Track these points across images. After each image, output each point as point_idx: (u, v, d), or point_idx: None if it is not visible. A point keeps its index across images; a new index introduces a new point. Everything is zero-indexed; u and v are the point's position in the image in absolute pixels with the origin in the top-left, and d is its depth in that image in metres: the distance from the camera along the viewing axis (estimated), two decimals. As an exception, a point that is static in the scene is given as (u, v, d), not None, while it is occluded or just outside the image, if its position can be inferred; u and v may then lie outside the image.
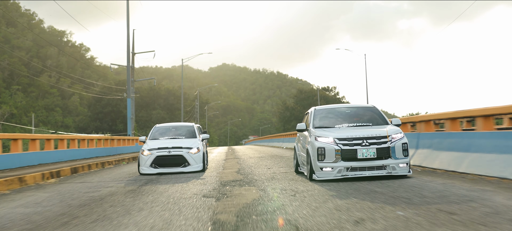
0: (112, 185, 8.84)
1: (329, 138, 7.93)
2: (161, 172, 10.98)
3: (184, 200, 6.32)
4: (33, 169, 12.11)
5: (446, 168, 8.69)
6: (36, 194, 7.88)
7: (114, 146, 23.79)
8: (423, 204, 5.01)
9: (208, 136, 12.83)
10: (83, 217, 5.27)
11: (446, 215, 4.36)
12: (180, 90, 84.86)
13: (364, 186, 6.86)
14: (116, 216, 5.17)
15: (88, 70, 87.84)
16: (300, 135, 9.73)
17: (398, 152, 7.77)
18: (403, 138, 7.94)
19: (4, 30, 77.48)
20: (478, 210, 4.56)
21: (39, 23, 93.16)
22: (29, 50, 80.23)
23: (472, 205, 4.89)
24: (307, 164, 8.52)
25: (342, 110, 9.21)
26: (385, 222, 4.14)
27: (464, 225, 3.89)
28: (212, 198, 6.38)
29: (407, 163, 7.86)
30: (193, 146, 11.33)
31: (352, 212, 4.73)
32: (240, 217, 4.79)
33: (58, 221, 5.07)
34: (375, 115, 8.96)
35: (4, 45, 76.50)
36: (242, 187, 7.53)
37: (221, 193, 6.84)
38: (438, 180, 7.27)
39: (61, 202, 6.65)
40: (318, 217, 4.57)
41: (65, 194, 7.66)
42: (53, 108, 79.24)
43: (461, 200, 5.22)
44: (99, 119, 71.68)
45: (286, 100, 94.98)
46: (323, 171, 7.85)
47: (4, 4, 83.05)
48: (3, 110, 67.43)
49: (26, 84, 79.12)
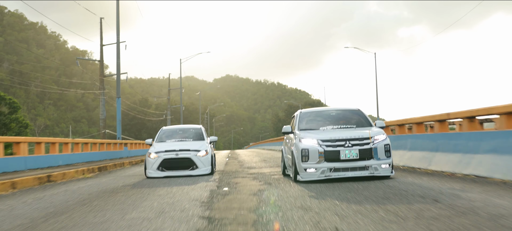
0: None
1: (313, 139, 7.06)
2: (169, 175, 9.60)
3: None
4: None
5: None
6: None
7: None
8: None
9: (216, 138, 11.33)
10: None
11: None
12: (192, 106, 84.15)
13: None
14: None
15: (108, 85, 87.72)
16: (287, 137, 8.81)
17: (381, 153, 6.90)
18: (385, 140, 7.06)
19: (35, 52, 77.58)
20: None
21: (64, 44, 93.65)
22: (57, 69, 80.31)
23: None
24: (292, 165, 7.63)
25: (328, 113, 8.30)
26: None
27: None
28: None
29: (389, 164, 6.97)
30: (201, 148, 9.88)
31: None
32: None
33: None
34: (360, 118, 8.08)
35: (37, 65, 76.60)
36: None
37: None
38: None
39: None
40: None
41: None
42: (80, 120, 79.25)
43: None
44: (127, 130, 72.81)
45: (278, 113, 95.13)
46: (307, 172, 6.96)
47: (33, 28, 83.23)
48: (39, 122, 68.30)
49: (56, 99, 79.28)
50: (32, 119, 69.28)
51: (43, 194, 7.01)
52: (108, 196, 6.34)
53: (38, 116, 71.25)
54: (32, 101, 75.47)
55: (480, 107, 7.37)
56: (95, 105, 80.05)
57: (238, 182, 7.78)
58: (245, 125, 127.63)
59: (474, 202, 4.28)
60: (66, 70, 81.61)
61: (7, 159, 11.78)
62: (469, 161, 7.02)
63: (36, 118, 70.11)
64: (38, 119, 69.34)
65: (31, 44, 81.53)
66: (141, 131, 73.13)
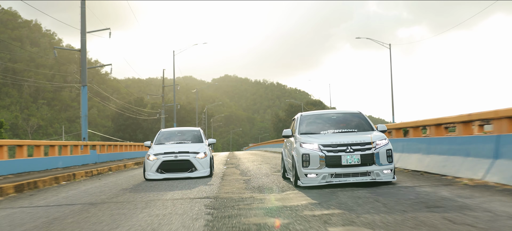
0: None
1: (313, 144, 7.09)
2: (167, 177, 9.77)
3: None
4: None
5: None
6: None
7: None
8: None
9: (215, 140, 11.59)
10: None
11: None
12: (189, 105, 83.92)
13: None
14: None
15: (104, 85, 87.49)
16: (287, 141, 8.85)
17: (383, 158, 6.94)
18: (387, 144, 7.09)
19: (29, 50, 77.29)
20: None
21: (59, 42, 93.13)
22: (51, 68, 80.00)
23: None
24: (292, 170, 7.67)
25: (328, 117, 8.32)
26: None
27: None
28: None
29: (391, 169, 7.01)
30: (200, 150, 10.10)
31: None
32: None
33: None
34: (361, 121, 8.10)
35: (30, 64, 76.37)
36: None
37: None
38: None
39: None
40: None
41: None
42: (75, 120, 78.93)
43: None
44: (121, 130, 72.47)
45: (279, 113, 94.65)
46: (308, 177, 7.00)
47: (27, 24, 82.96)
48: (32, 122, 67.80)
49: (50, 99, 79.08)
50: (24, 119, 69.07)
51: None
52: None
53: (31, 115, 70.85)
54: (25, 101, 75.27)
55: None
56: (90, 105, 79.72)
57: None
58: (244, 126, 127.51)
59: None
60: (61, 68, 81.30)
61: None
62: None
63: (29, 118, 69.76)
64: (31, 119, 68.92)
65: (24, 43, 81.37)
66: (136, 131, 73.05)
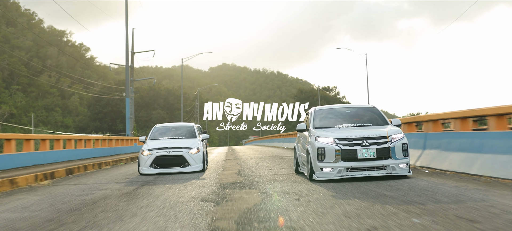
0: (106, 187, 8.38)
1: (329, 138, 7.66)
2: (161, 172, 10.77)
3: (181, 204, 5.79)
4: (26, 170, 11.66)
5: (457, 169, 8.14)
6: (26, 197, 7.45)
7: (112, 146, 23.06)
8: (439, 210, 4.51)
9: (208, 136, 12.62)
10: (71, 223, 4.84)
11: (467, 223, 3.88)
12: (180, 90, 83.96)
13: (371, 189, 6.35)
14: (107, 223, 4.67)
15: (88, 70, 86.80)
16: (300, 135, 9.38)
17: (398, 152, 7.50)
18: (403, 138, 7.68)
19: (4, 30, 76.28)
20: (500, 217, 4.08)
21: (39, 23, 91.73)
22: (29, 50, 79.12)
23: (493, 211, 4.41)
24: (307, 164, 8.23)
25: (342, 111, 8.94)
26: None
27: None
28: (211, 202, 5.84)
29: (407, 163, 7.60)
30: (193, 146, 11.11)
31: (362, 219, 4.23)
32: (241, 224, 4.27)
33: (43, 228, 4.59)
34: (375, 115, 8.70)
35: (4, 45, 75.43)
36: (243, 190, 6.98)
37: (220, 197, 6.29)
38: (450, 183, 6.78)
39: (50, 206, 6.19)
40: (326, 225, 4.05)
41: (56, 197, 7.21)
42: (53, 109, 78.12)
43: (480, 205, 4.73)
44: (99, 119, 70.77)
45: (286, 101, 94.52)
46: (323, 171, 7.53)
47: (4, 4, 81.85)
48: (3, 110, 65.94)
49: (25, 84, 77.99)
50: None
51: None
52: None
53: (2, 103, 68.54)
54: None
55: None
56: (71, 93, 79.28)
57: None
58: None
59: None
60: (40, 51, 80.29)
61: None
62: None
63: (0, 105, 67.59)
64: (1, 106, 66.61)
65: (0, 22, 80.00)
66: (116, 120, 70.11)
